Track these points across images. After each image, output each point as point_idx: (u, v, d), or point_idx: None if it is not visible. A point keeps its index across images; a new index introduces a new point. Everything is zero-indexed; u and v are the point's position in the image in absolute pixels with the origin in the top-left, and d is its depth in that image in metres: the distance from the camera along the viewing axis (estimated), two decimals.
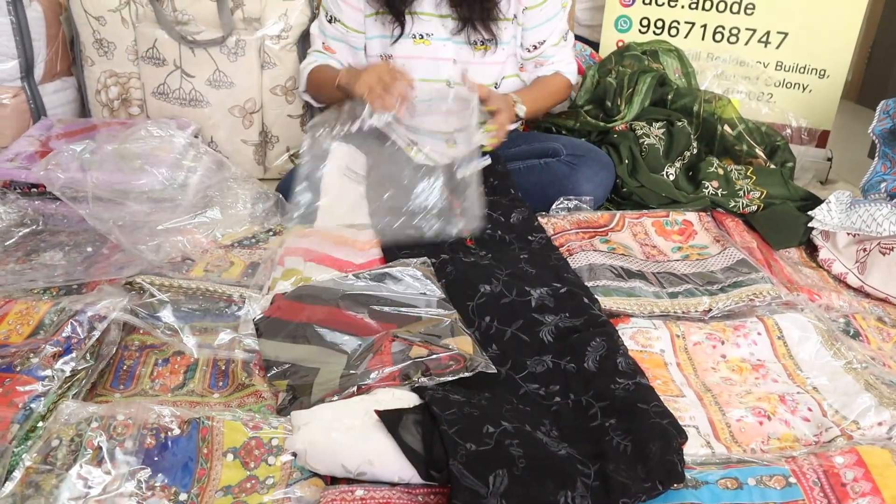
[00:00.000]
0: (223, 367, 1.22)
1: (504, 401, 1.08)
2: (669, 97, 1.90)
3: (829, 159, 2.16)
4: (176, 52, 1.91)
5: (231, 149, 2.00)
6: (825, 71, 2.15)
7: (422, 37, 1.69)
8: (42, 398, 1.07)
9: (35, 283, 1.40)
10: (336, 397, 1.07)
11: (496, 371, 1.12)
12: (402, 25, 1.67)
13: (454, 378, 1.09)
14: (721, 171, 1.71)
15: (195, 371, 1.22)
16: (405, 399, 1.05)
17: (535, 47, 1.75)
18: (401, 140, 1.84)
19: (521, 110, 1.66)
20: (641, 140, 1.78)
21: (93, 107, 2.04)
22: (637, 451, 0.94)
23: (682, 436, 0.98)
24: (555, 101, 1.79)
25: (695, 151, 1.82)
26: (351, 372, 1.11)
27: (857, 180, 2.01)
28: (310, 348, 1.16)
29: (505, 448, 0.92)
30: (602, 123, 1.88)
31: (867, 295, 1.49)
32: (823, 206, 1.63)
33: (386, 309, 1.24)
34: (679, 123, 1.81)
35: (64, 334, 1.17)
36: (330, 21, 1.72)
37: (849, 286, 1.52)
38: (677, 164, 1.77)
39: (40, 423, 1.05)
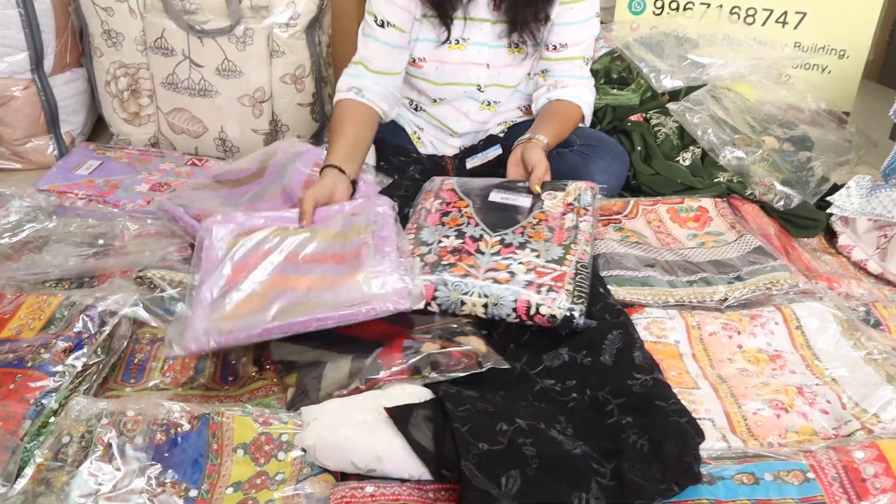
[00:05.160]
0: (233, 362, 1.22)
1: (519, 398, 1.07)
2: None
3: (849, 141, 2.12)
4: (184, 42, 1.89)
5: (241, 138, 1.99)
6: (845, 51, 2.10)
7: (457, 41, 1.65)
8: (53, 394, 1.07)
9: (47, 275, 1.40)
10: (345, 391, 1.06)
11: (510, 367, 1.10)
12: (450, 29, 1.63)
13: (465, 374, 1.07)
14: (735, 160, 1.67)
15: (205, 364, 1.21)
16: (416, 394, 1.05)
17: (556, 48, 1.69)
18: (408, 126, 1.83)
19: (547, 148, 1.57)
20: (657, 129, 1.75)
21: (102, 98, 2.03)
22: (653, 450, 0.92)
23: (699, 435, 0.96)
24: (567, 135, 1.71)
25: None
26: (359, 365, 1.10)
27: (878, 163, 1.97)
28: (321, 352, 1.14)
29: (518, 447, 0.91)
30: (623, 93, 1.83)
31: (888, 282, 1.45)
32: (843, 191, 1.59)
33: None
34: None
35: (75, 329, 1.17)
36: (382, 26, 1.66)
37: (869, 273, 1.49)
38: (693, 150, 1.73)
39: (52, 419, 1.05)
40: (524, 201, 1.38)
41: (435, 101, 1.74)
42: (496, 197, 1.39)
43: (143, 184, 1.79)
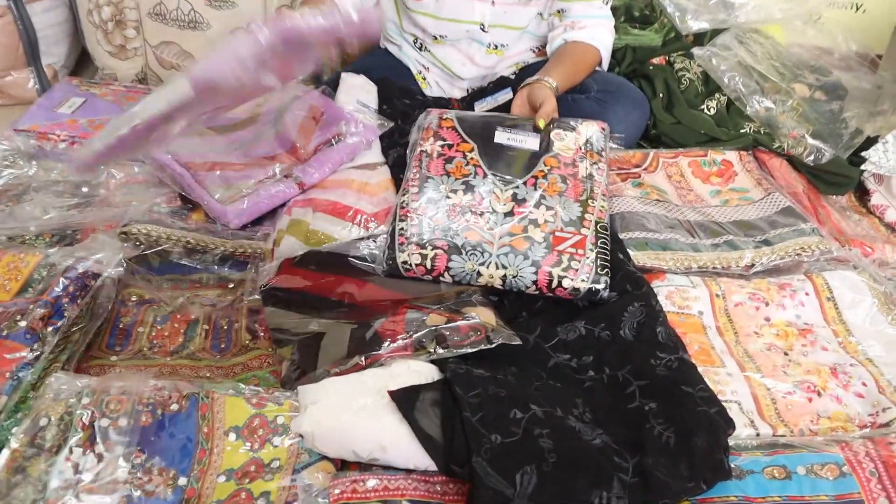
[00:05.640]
0: (226, 327, 1.14)
1: (532, 375, 0.99)
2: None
3: (879, 87, 1.99)
4: None
5: None
6: None
7: None
8: (31, 366, 0.99)
9: (25, 228, 1.30)
10: (345, 367, 0.98)
11: (521, 342, 1.02)
12: None
13: (474, 350, 1.00)
14: (763, 111, 1.56)
15: (196, 330, 1.13)
16: (423, 372, 0.97)
17: None
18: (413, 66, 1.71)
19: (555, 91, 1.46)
20: (680, 74, 1.62)
21: (85, 28, 1.88)
22: (681, 445, 0.85)
23: (730, 426, 0.89)
24: (582, 79, 1.58)
25: None
26: (359, 338, 1.02)
27: None
28: (319, 321, 1.06)
29: (534, 439, 0.84)
30: (645, 32, 1.71)
31: None
32: (879, 145, 1.48)
33: None
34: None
35: (54, 293, 1.08)
36: None
37: None
38: (719, 98, 1.61)
39: (31, 394, 0.97)
40: (532, 143, 1.29)
41: (436, 38, 1.61)
42: (502, 138, 1.29)
43: None
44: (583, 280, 1.10)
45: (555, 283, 1.10)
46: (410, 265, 1.13)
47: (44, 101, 1.73)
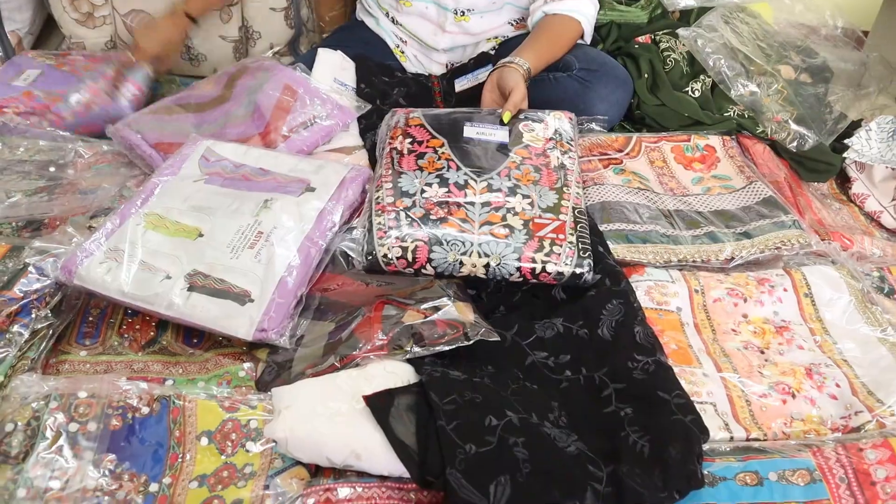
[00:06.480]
0: None
1: (509, 377, 0.98)
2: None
3: (864, 65, 1.97)
4: None
5: (207, 46, 1.80)
6: None
7: None
8: None
9: None
10: (319, 368, 0.97)
11: (499, 339, 1.01)
12: None
13: (451, 348, 0.98)
14: (748, 94, 1.53)
15: (167, 323, 1.11)
16: (398, 372, 0.96)
17: None
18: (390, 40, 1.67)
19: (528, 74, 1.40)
20: (666, 54, 1.59)
21: None
22: (655, 454, 0.85)
23: (705, 434, 0.89)
24: (562, 55, 1.55)
25: None
26: (335, 338, 1.01)
27: (895, 88, 1.84)
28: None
29: (508, 448, 0.83)
30: (630, 9, 1.67)
31: None
32: (862, 133, 1.47)
33: None
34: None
35: (21, 289, 1.05)
36: None
37: (882, 226, 1.40)
38: (704, 79, 1.58)
39: None
40: (501, 135, 1.28)
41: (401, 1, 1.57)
42: (471, 132, 1.28)
43: (85, 93, 1.59)
44: (566, 264, 1.09)
45: (538, 269, 1.09)
46: (391, 259, 1.11)
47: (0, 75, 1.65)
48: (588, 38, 1.58)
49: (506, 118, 1.29)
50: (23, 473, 0.84)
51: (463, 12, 1.56)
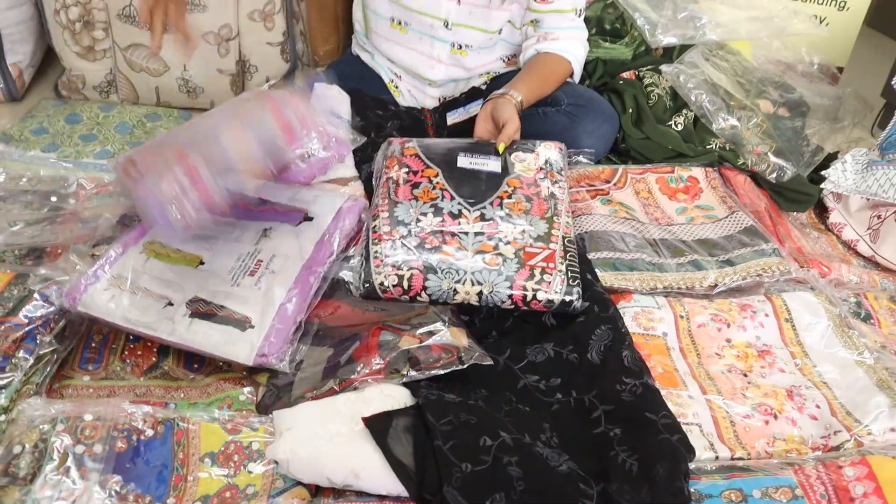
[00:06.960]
0: None
1: (502, 399, 1.02)
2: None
3: (839, 98, 2.05)
4: None
5: (205, 79, 1.85)
6: (846, 3, 2.01)
7: None
8: (3, 390, 0.99)
9: None
10: (318, 392, 1.00)
11: (492, 363, 1.05)
12: None
13: (446, 372, 1.02)
14: (729, 128, 1.60)
15: (169, 349, 1.14)
16: (395, 395, 0.99)
17: None
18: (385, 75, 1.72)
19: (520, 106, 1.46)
20: (649, 89, 1.65)
21: (52, 28, 1.85)
22: (643, 472, 0.88)
23: (691, 453, 0.93)
24: (551, 91, 1.59)
25: None
26: (333, 363, 1.04)
27: (868, 121, 1.92)
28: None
29: (503, 467, 0.87)
30: (616, 46, 1.74)
31: (877, 265, 1.42)
32: (838, 164, 1.53)
33: None
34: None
35: (26, 314, 1.08)
36: None
37: (858, 254, 1.45)
38: (686, 113, 1.64)
39: (2, 417, 0.98)
40: (494, 165, 1.33)
41: (400, 23, 1.62)
42: (464, 162, 1.33)
43: None
44: (556, 292, 1.13)
45: (529, 297, 1.13)
46: (388, 286, 1.15)
47: None
48: (577, 79, 1.65)
49: (500, 149, 1.33)
50: (31, 494, 0.86)
51: (460, 46, 1.62)
